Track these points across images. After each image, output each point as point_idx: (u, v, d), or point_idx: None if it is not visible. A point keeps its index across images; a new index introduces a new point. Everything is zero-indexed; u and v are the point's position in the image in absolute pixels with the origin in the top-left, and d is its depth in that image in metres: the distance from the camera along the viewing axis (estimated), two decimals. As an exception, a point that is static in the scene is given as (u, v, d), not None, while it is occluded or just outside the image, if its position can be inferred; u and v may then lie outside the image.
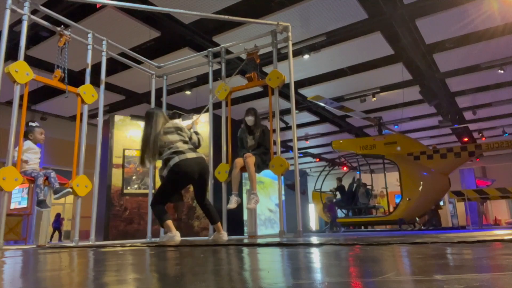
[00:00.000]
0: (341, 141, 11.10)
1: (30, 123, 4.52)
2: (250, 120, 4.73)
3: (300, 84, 9.23)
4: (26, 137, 4.40)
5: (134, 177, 7.23)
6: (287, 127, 10.87)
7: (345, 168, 13.58)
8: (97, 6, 6.01)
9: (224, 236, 3.91)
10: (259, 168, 4.66)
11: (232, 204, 4.40)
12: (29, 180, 4.11)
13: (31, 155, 4.32)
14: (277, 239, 3.69)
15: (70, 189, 4.29)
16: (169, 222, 3.66)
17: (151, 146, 3.68)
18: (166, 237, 3.70)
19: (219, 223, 3.92)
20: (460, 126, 12.27)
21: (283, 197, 6.20)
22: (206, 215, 3.98)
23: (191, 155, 3.65)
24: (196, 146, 3.91)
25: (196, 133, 4.04)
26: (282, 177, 4.69)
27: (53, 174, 4.31)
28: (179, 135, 3.80)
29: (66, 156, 4.86)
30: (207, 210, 3.91)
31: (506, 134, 13.25)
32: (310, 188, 13.11)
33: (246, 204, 4.54)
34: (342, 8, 6.33)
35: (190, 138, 3.88)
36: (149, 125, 3.77)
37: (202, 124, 6.84)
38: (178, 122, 4.21)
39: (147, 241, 4.92)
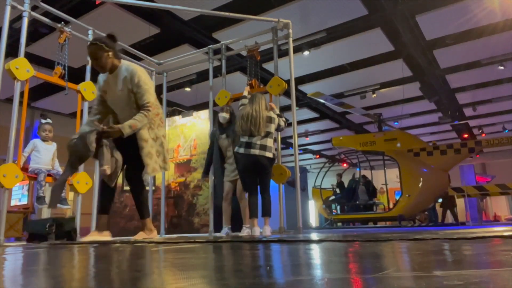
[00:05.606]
0: (341, 138, 11.10)
1: (41, 120, 4.58)
2: (223, 117, 4.63)
3: (300, 80, 9.22)
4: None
5: (134, 174, 7.23)
6: (287, 124, 10.85)
7: (345, 165, 13.59)
8: (96, 3, 6.00)
9: (267, 231, 4.09)
10: None
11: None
12: (30, 177, 4.11)
13: (37, 153, 4.32)
14: (277, 236, 3.70)
15: (70, 207, 4.67)
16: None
17: (254, 125, 4.14)
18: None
19: (253, 219, 4.17)
20: (460, 122, 12.26)
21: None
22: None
23: (254, 151, 4.10)
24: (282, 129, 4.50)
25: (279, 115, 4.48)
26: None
27: None
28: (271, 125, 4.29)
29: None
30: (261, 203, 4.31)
31: (506, 131, 13.24)
32: (310, 184, 13.11)
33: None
34: (342, 4, 6.31)
35: (279, 125, 4.41)
36: (254, 104, 4.24)
37: (202, 120, 6.84)
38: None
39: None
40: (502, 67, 8.38)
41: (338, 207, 11.60)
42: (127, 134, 3.05)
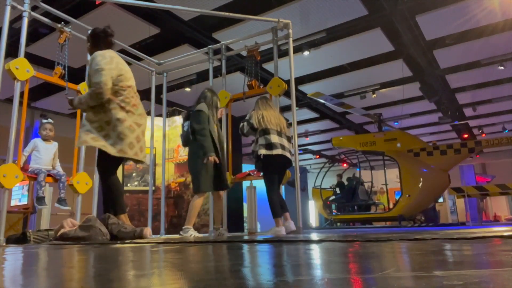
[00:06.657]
0: (341, 138, 11.10)
1: (42, 120, 4.60)
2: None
3: (300, 80, 9.22)
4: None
5: (134, 174, 7.24)
6: (287, 124, 10.85)
7: (345, 165, 13.59)
8: (96, 3, 6.00)
9: (292, 225, 4.18)
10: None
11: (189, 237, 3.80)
12: (30, 177, 4.11)
13: (37, 153, 4.33)
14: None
15: (69, 208, 4.50)
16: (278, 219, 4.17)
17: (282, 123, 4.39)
18: (273, 230, 4.09)
19: (286, 213, 4.28)
20: (460, 122, 12.26)
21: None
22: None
23: (287, 154, 4.29)
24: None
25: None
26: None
27: (63, 178, 4.31)
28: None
29: (67, 153, 4.87)
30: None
31: (506, 131, 13.24)
32: (310, 185, 13.11)
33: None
34: (342, 4, 6.31)
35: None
36: (274, 108, 4.49)
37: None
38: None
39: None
40: (502, 67, 8.37)
41: (337, 207, 11.60)
42: (75, 106, 3.39)
